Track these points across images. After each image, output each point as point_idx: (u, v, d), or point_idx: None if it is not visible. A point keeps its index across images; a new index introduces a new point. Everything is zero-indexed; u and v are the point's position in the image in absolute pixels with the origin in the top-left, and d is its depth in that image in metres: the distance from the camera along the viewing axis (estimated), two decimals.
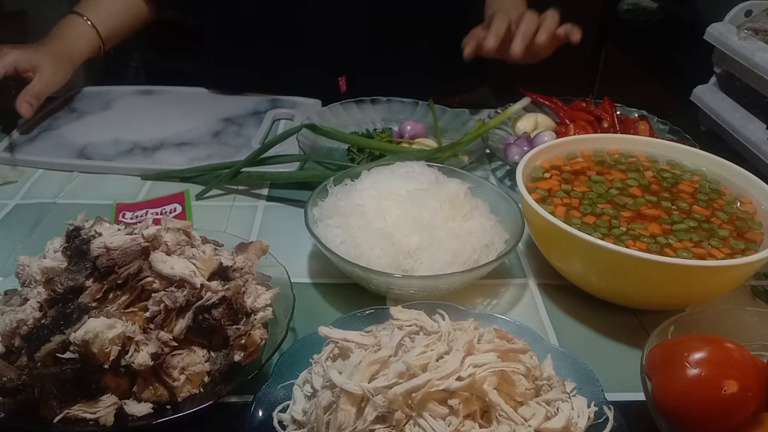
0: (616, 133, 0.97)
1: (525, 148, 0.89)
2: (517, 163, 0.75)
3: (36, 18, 2.19)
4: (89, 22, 1.10)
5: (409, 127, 1.00)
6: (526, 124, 0.99)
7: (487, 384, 0.47)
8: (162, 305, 0.54)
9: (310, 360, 0.55)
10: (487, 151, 0.97)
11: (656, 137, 0.89)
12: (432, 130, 1.01)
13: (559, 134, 0.95)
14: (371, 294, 0.70)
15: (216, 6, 1.16)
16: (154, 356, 0.53)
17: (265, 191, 0.90)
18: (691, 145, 0.85)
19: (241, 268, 0.61)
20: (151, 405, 0.54)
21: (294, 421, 0.51)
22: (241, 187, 0.90)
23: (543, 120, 1.00)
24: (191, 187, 0.89)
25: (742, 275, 0.64)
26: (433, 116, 1.03)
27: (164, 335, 0.54)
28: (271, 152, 0.90)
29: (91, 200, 0.87)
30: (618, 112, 1.01)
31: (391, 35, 1.15)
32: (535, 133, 0.94)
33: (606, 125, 0.99)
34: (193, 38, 1.26)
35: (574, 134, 0.94)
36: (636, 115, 1.02)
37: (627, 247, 0.63)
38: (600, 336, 0.67)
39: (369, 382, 0.47)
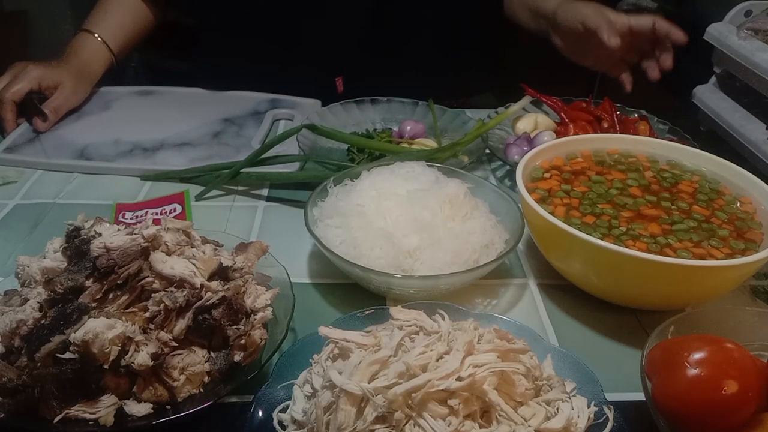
0: (616, 133, 0.97)
1: (525, 148, 0.89)
2: (516, 163, 0.75)
3: (36, 18, 2.19)
4: (100, 39, 1.11)
5: (409, 127, 1.00)
6: (525, 124, 0.99)
7: (487, 384, 0.47)
8: (162, 305, 0.54)
9: (310, 360, 0.55)
10: (487, 151, 0.97)
11: (656, 137, 0.89)
12: (432, 130, 1.01)
13: (558, 134, 0.95)
14: (371, 294, 0.70)
15: (215, 5, 1.16)
16: (154, 356, 0.52)
17: (265, 191, 0.90)
18: (691, 145, 0.85)
19: (241, 269, 0.60)
20: (151, 405, 0.54)
21: (294, 421, 0.51)
22: (241, 188, 0.90)
23: (543, 120, 1.00)
24: (191, 188, 0.89)
25: (742, 275, 0.64)
26: (433, 116, 1.03)
27: (164, 335, 0.54)
28: (271, 152, 0.90)
29: (91, 200, 0.87)
30: (618, 113, 1.01)
31: (391, 35, 1.15)
32: (535, 133, 0.94)
33: (606, 125, 0.99)
34: (193, 38, 1.26)
35: (574, 134, 0.94)
36: (636, 115, 1.02)
37: (627, 247, 0.63)
38: (600, 336, 0.67)
39: (369, 383, 0.47)
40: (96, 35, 1.11)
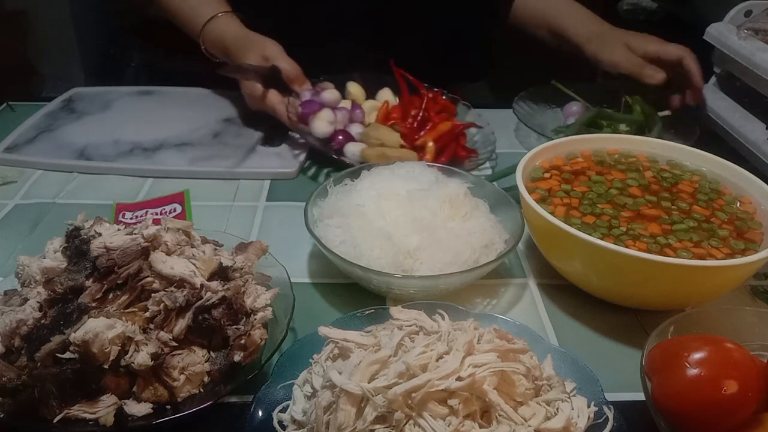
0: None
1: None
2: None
3: (36, 18, 2.19)
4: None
5: None
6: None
7: (487, 384, 0.47)
8: (162, 305, 0.54)
9: (310, 360, 0.55)
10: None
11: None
12: None
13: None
14: (371, 294, 0.70)
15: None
16: (154, 356, 0.53)
17: (265, 191, 0.90)
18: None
19: (241, 268, 0.61)
20: (150, 405, 0.54)
21: (294, 421, 0.51)
22: (241, 187, 0.90)
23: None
24: (191, 188, 0.89)
25: (742, 275, 0.64)
26: None
27: (164, 335, 0.54)
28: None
29: (91, 200, 0.87)
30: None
31: (392, 34, 1.15)
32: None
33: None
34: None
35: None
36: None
37: (627, 247, 0.63)
38: (600, 336, 0.67)
39: (369, 382, 0.47)
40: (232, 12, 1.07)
